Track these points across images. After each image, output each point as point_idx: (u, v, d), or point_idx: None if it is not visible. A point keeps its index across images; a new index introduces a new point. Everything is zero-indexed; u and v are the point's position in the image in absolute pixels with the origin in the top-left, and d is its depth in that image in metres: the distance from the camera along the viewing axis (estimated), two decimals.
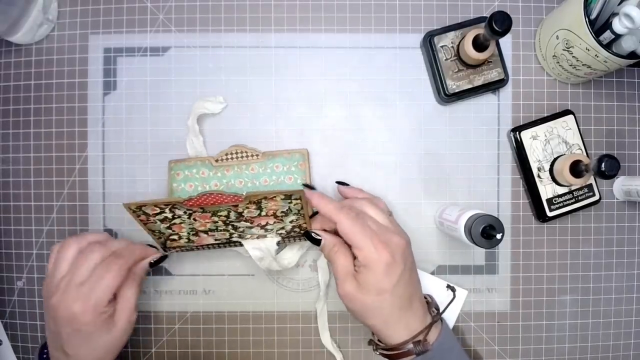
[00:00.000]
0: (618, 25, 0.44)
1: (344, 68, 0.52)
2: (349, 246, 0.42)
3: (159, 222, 0.44)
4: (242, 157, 0.50)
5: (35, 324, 0.52)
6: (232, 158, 0.50)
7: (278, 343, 0.52)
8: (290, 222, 0.45)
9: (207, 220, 0.44)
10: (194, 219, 0.44)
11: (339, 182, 0.50)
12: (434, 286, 0.52)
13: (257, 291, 0.52)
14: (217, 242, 0.47)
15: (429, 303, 0.46)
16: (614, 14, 0.46)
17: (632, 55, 0.46)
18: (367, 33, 0.53)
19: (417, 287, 0.44)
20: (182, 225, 0.44)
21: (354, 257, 0.42)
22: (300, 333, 0.52)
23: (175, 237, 0.46)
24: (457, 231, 0.44)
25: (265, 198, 0.42)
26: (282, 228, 0.46)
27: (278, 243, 0.47)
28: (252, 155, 0.50)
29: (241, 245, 0.48)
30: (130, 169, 0.52)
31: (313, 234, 0.44)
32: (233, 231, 0.46)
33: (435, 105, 0.53)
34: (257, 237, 0.47)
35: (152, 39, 0.52)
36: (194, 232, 0.45)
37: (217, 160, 0.50)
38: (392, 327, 0.42)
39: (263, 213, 0.44)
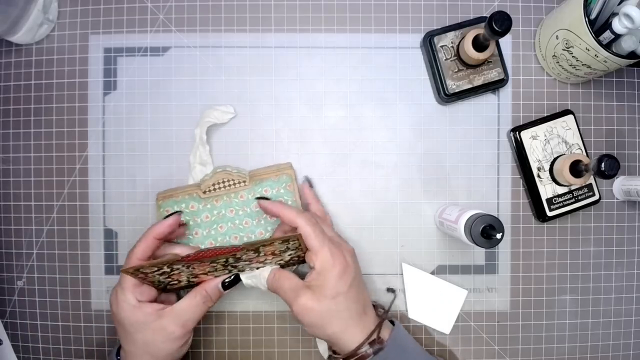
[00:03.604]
0: (618, 25, 0.44)
1: (344, 68, 0.52)
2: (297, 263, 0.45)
3: (157, 276, 0.43)
4: (229, 185, 0.49)
5: (35, 324, 0.52)
6: (219, 188, 0.49)
7: (278, 343, 0.52)
8: (289, 255, 0.45)
9: (206, 266, 0.43)
10: (193, 268, 0.43)
11: (307, 179, 0.52)
12: (435, 286, 0.52)
13: (257, 291, 0.52)
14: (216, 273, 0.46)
15: (376, 306, 0.47)
16: (614, 14, 0.46)
17: (632, 55, 0.46)
18: (367, 33, 0.53)
19: (366, 294, 0.46)
20: (182, 274, 0.44)
21: (309, 268, 0.44)
22: (300, 333, 0.52)
23: (175, 283, 0.45)
24: (457, 231, 0.44)
25: (263, 245, 0.41)
26: (281, 260, 0.46)
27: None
28: (239, 183, 0.49)
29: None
30: (130, 169, 0.52)
31: (232, 276, 0.45)
32: (232, 269, 0.45)
33: (435, 105, 0.53)
34: (257, 268, 0.46)
35: (152, 39, 0.52)
36: (193, 276, 0.45)
37: (204, 192, 0.49)
38: (349, 332, 0.43)
39: (262, 255, 0.43)
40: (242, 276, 0.46)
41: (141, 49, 0.52)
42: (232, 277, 0.45)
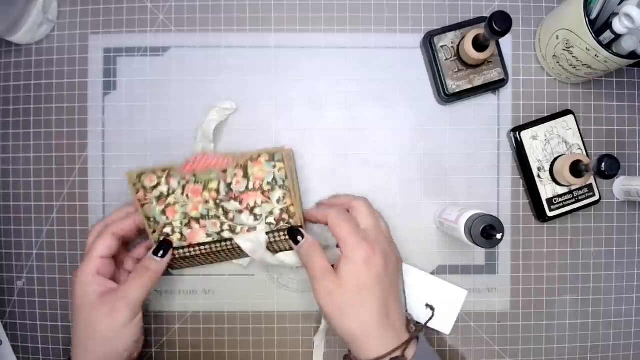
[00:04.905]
0: (618, 25, 0.44)
1: (344, 68, 0.52)
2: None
3: (154, 202, 0.44)
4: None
5: (35, 324, 0.52)
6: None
7: (278, 343, 0.52)
8: (278, 201, 0.45)
9: (198, 199, 0.45)
10: (187, 196, 0.45)
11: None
12: (435, 286, 0.52)
13: (257, 291, 0.52)
14: (209, 239, 0.47)
15: (409, 321, 0.44)
16: (614, 14, 0.46)
17: (632, 55, 0.46)
18: (367, 33, 0.53)
19: (397, 301, 0.43)
20: (176, 207, 0.45)
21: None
22: (300, 333, 0.52)
23: (169, 229, 0.46)
24: (457, 231, 0.44)
25: (251, 159, 0.45)
26: (271, 213, 0.46)
27: (268, 238, 0.47)
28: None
29: (234, 251, 0.47)
30: (130, 169, 0.52)
31: (297, 232, 0.45)
32: (224, 220, 0.46)
33: (435, 105, 0.53)
34: (248, 230, 0.46)
35: (152, 39, 0.52)
36: (186, 222, 0.46)
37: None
38: (368, 336, 0.41)
39: (250, 185, 0.45)
40: (239, 239, 0.46)
41: (141, 49, 0.52)
42: (159, 242, 0.46)
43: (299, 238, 0.45)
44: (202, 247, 0.47)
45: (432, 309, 0.51)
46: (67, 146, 0.52)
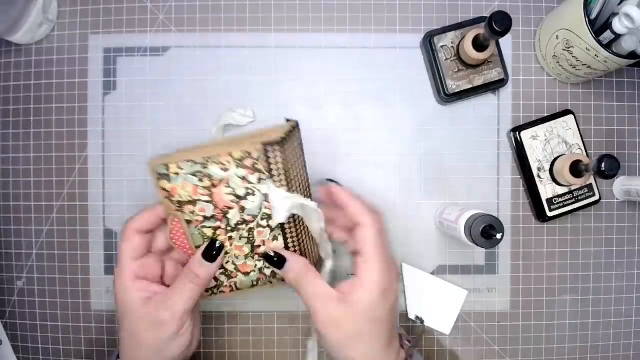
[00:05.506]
0: (618, 25, 0.44)
1: (344, 68, 0.52)
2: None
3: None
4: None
5: (35, 324, 0.52)
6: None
7: (278, 343, 0.52)
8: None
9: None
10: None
11: (330, 180, 0.45)
12: (434, 287, 0.52)
13: (257, 291, 0.52)
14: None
15: (401, 335, 0.42)
16: (614, 14, 0.46)
17: (632, 55, 0.46)
18: (367, 33, 0.53)
19: (397, 322, 0.42)
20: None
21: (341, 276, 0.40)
22: (300, 333, 0.52)
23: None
24: (457, 231, 0.44)
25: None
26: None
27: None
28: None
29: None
30: (130, 169, 0.52)
31: (273, 254, 0.39)
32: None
33: (435, 105, 0.53)
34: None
35: (152, 39, 0.52)
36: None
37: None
38: None
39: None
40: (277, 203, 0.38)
41: (141, 49, 0.52)
42: (210, 244, 0.40)
43: (284, 262, 0.39)
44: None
45: (422, 321, 0.51)
46: (67, 146, 0.52)
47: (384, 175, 0.52)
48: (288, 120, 0.41)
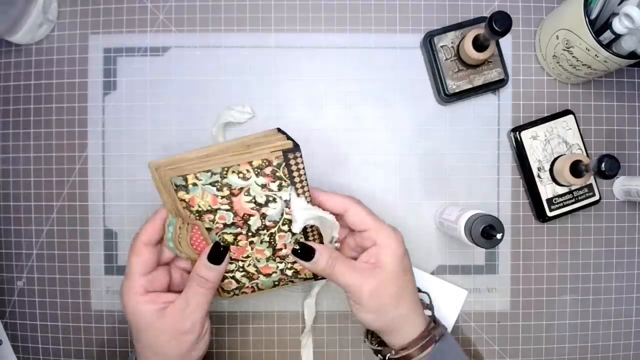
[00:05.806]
0: (618, 25, 0.44)
1: (344, 68, 0.52)
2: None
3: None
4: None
5: (35, 324, 0.52)
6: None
7: (278, 343, 0.52)
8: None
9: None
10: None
11: (279, 130, 0.42)
12: (435, 287, 0.52)
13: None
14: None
15: (422, 301, 0.46)
16: (614, 14, 0.46)
17: (632, 55, 0.46)
18: (367, 33, 0.53)
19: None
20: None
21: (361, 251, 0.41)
22: (300, 333, 0.52)
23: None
24: (457, 231, 0.44)
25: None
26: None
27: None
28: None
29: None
30: (130, 169, 0.52)
31: (307, 249, 0.40)
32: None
33: (435, 105, 0.53)
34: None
35: (152, 39, 0.52)
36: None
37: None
38: (409, 322, 0.41)
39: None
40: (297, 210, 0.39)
41: (141, 49, 0.52)
42: (214, 247, 0.40)
43: (312, 254, 0.40)
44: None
45: (431, 308, 0.51)
46: (67, 146, 0.52)
47: (384, 175, 0.52)
48: (279, 130, 0.41)
